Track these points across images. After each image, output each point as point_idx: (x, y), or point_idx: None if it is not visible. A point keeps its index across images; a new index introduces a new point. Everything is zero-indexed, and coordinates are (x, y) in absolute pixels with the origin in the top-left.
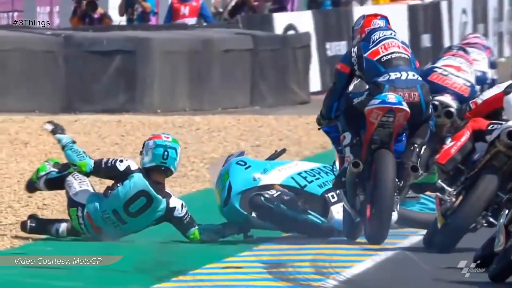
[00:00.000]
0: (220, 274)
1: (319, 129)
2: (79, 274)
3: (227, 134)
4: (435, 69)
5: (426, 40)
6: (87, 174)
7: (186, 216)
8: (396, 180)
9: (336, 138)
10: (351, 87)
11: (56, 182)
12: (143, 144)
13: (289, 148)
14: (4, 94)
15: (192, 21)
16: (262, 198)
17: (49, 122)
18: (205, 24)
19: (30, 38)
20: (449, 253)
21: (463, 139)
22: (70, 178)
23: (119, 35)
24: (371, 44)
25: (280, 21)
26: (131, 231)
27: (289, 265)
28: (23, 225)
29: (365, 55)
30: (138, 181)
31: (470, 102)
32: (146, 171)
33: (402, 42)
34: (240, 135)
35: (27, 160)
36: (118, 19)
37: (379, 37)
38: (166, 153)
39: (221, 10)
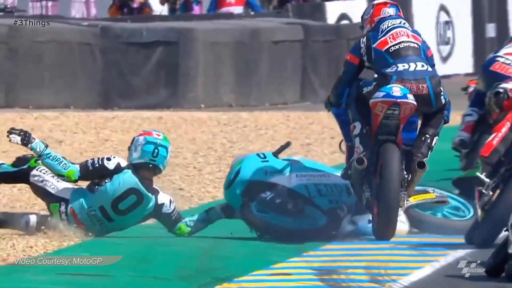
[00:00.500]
0: (267, 281)
1: (328, 111)
2: (116, 283)
3: (275, 132)
4: (497, 59)
5: (491, 30)
6: (75, 181)
7: (174, 212)
8: (405, 172)
9: (344, 122)
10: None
11: (12, 177)
12: (132, 140)
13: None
14: (38, 88)
15: (238, 10)
16: (252, 207)
17: (12, 132)
18: (252, 13)
19: (65, 29)
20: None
21: (504, 129)
22: (37, 172)
23: (160, 26)
24: (380, 34)
25: (333, 10)
26: (117, 228)
27: (341, 272)
28: None
29: (374, 45)
30: (128, 178)
31: (508, 89)
32: (134, 168)
33: (413, 31)
34: (289, 133)
35: None
36: (159, 9)
37: (387, 27)
38: (156, 150)
39: None
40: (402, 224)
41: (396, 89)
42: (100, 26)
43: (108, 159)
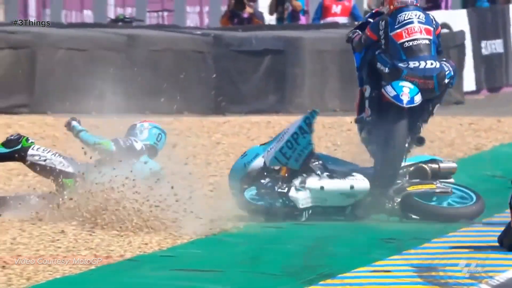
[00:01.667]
0: (368, 278)
1: (347, 42)
2: (228, 278)
3: None
4: None
5: None
6: (111, 153)
7: None
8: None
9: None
10: None
11: (7, 157)
12: (133, 126)
13: (442, 150)
14: (154, 94)
15: (343, 20)
16: (245, 194)
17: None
18: (356, 23)
19: (180, 38)
20: None
21: None
22: (36, 152)
23: (268, 35)
24: (396, 24)
25: None
26: None
27: (440, 269)
28: None
29: (391, 34)
30: (153, 163)
31: None
32: None
33: (426, 21)
34: None
35: (172, 162)
36: (268, 18)
37: (404, 19)
38: (160, 135)
39: (373, 8)
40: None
41: (406, 92)
42: (213, 35)
43: (135, 141)
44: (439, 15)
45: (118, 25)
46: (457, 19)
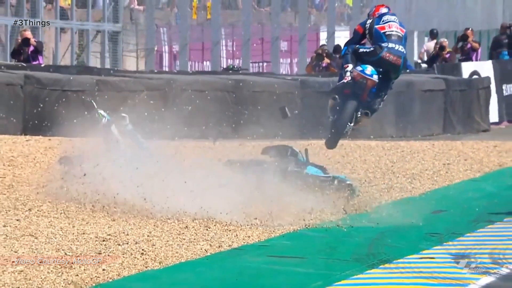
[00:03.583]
0: (417, 263)
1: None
2: (310, 263)
3: (424, 155)
4: None
5: None
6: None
7: None
8: (359, 113)
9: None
10: None
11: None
12: (125, 124)
13: (473, 166)
14: (255, 124)
15: None
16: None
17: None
18: (408, 71)
19: (275, 82)
20: None
21: None
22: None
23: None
24: (381, 22)
25: (467, 68)
26: None
27: (472, 256)
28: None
29: (376, 26)
30: None
31: None
32: None
33: (400, 24)
34: (434, 156)
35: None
36: None
37: (387, 19)
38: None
39: (425, 60)
40: None
41: (369, 69)
42: (300, 80)
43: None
44: (471, 65)
45: (228, 73)
46: (485, 68)
